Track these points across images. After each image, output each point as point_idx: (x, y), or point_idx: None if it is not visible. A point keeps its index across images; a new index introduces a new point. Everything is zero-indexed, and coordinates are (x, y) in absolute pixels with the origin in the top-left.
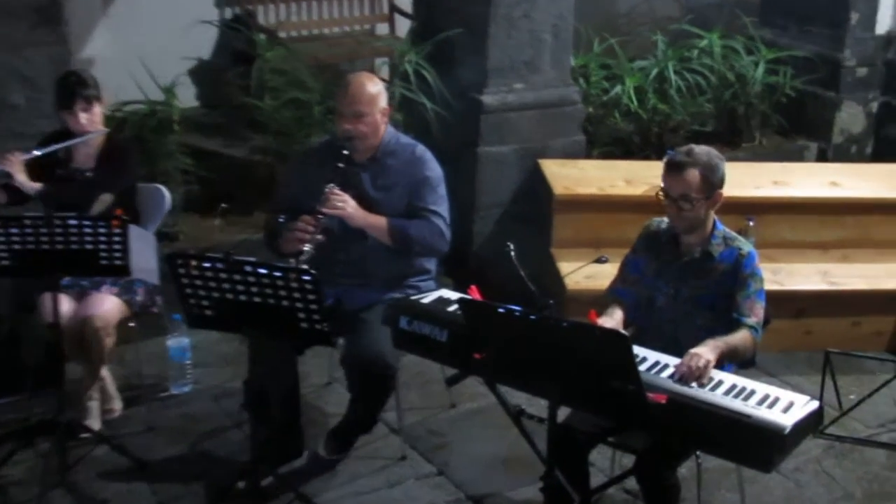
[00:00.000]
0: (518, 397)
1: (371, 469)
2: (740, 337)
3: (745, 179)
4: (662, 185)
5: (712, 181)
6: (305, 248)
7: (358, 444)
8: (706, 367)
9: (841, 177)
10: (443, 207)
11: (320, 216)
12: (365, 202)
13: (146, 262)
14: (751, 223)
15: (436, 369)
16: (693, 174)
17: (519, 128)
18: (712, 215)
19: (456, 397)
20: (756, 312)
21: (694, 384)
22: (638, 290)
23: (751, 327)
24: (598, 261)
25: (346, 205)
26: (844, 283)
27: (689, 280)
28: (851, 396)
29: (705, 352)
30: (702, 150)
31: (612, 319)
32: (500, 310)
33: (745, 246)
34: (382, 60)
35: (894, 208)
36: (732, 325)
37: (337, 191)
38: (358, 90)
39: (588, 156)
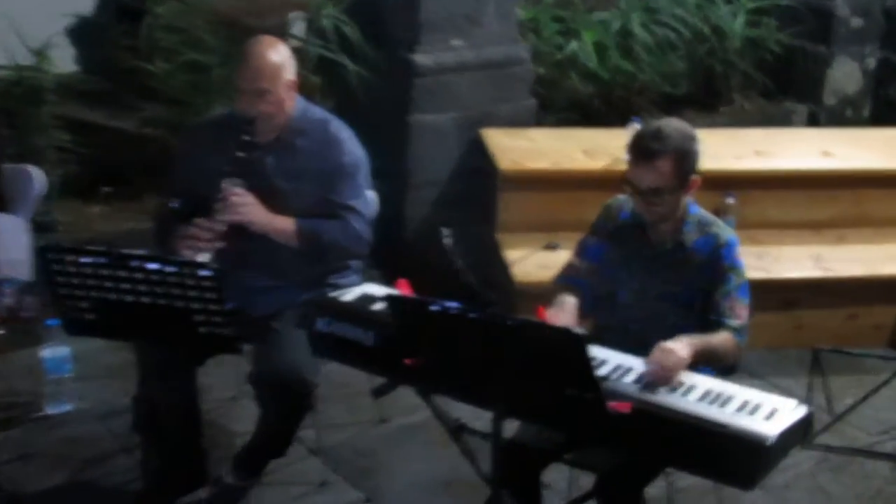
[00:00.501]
0: (459, 409)
1: (286, 497)
2: (721, 339)
3: (724, 149)
4: (627, 174)
5: (686, 168)
6: (201, 259)
7: (270, 468)
8: (679, 365)
9: (834, 145)
10: (361, 201)
11: (217, 221)
12: (270, 194)
13: (15, 256)
14: (730, 201)
15: (362, 379)
16: (664, 164)
17: (458, 92)
18: (686, 199)
19: (386, 411)
20: (739, 313)
21: (663, 388)
22: (596, 281)
23: (734, 330)
24: (549, 247)
25: (247, 210)
26: (839, 268)
27: (658, 273)
28: (848, 400)
29: (679, 348)
30: (672, 128)
31: (564, 314)
32: (434, 307)
33: (724, 232)
34: (296, 15)
35: None
36: (711, 327)
37: (237, 192)
38: (258, 63)
39: (540, 124)
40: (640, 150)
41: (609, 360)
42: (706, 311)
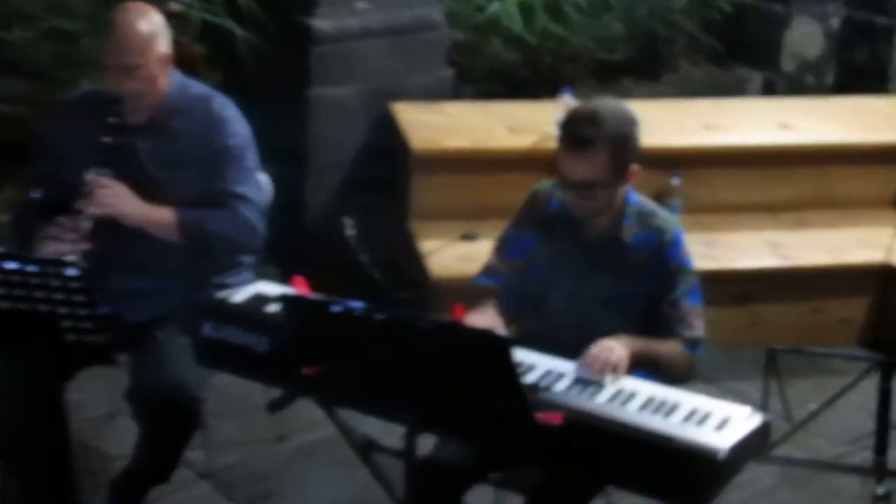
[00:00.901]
0: (368, 424)
1: None
2: (669, 348)
3: (668, 123)
4: (557, 162)
5: (624, 157)
6: (66, 260)
7: (153, 496)
8: (619, 361)
9: (794, 117)
10: (251, 187)
11: (83, 218)
12: (145, 183)
13: None
14: (675, 182)
15: (256, 391)
16: (598, 154)
17: (363, 62)
18: (624, 189)
19: (284, 427)
20: (692, 322)
21: (600, 395)
22: (521, 281)
23: (686, 341)
24: (466, 237)
25: (118, 201)
26: (800, 256)
27: (593, 274)
28: (811, 406)
29: (618, 345)
30: (609, 111)
31: (485, 315)
32: (336, 308)
33: (669, 225)
34: None
35: (864, 157)
36: (658, 336)
37: (104, 182)
38: (125, 34)
39: (458, 97)
40: (571, 137)
41: (537, 365)
42: (652, 319)
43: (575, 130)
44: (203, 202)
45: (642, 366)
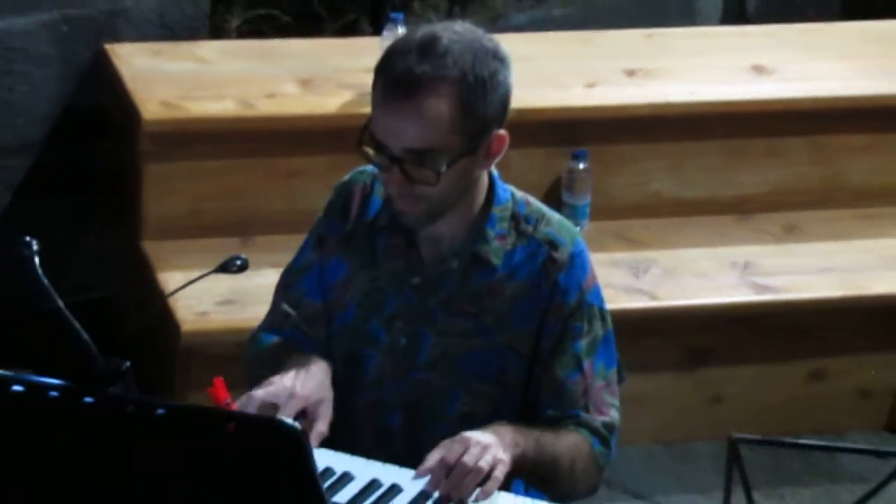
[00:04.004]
0: None
1: None
2: (567, 444)
3: (565, 70)
4: (372, 126)
5: (482, 114)
6: None
7: None
8: (494, 463)
9: (774, 55)
10: None
11: None
12: None
13: None
14: (579, 166)
15: None
16: (438, 104)
17: None
18: (487, 174)
19: None
20: (600, 398)
21: None
22: (326, 333)
23: (592, 431)
24: (227, 267)
25: None
26: (786, 285)
27: (440, 317)
28: None
29: (492, 441)
30: (457, 39)
31: (269, 393)
32: (17, 387)
33: (564, 236)
34: None
35: (884, 118)
36: (545, 423)
37: None
38: None
39: (217, 33)
40: (393, 79)
41: (355, 473)
42: (536, 395)
43: (397, 68)
44: None
45: (528, 475)
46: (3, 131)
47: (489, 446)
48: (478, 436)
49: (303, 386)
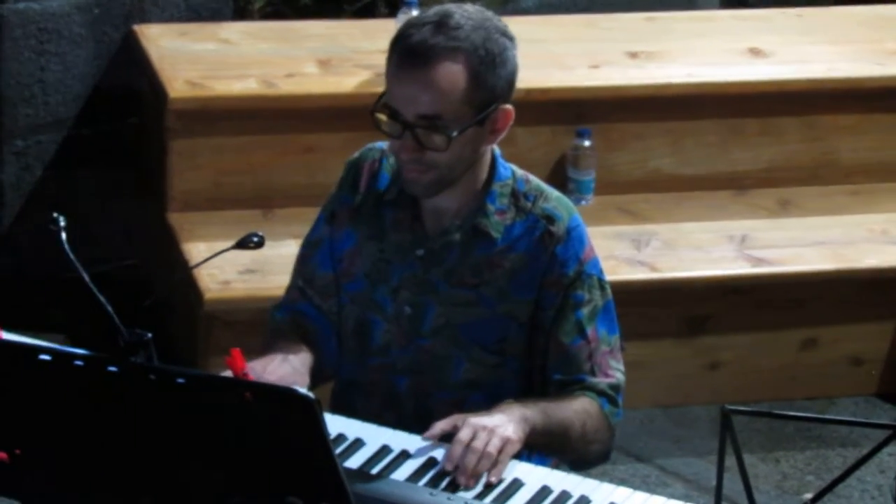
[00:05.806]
0: None
1: None
2: (576, 409)
3: (571, 51)
4: (386, 92)
5: (491, 86)
6: None
7: None
8: (504, 449)
9: (771, 38)
10: None
11: None
12: None
13: None
14: (584, 143)
15: None
16: (449, 74)
17: None
18: (490, 151)
19: None
20: (605, 362)
21: (463, 495)
22: (338, 303)
23: (599, 394)
24: (245, 244)
25: None
26: (781, 258)
27: (443, 288)
28: (807, 496)
29: (502, 424)
30: (467, 17)
31: (283, 365)
32: (44, 356)
33: (562, 209)
34: None
35: (878, 99)
36: (553, 389)
37: None
38: None
39: (242, 15)
40: (409, 49)
41: (366, 439)
42: (541, 361)
43: (410, 41)
44: None
45: (542, 446)
46: (38, 108)
47: (496, 428)
48: (484, 420)
49: (273, 371)
